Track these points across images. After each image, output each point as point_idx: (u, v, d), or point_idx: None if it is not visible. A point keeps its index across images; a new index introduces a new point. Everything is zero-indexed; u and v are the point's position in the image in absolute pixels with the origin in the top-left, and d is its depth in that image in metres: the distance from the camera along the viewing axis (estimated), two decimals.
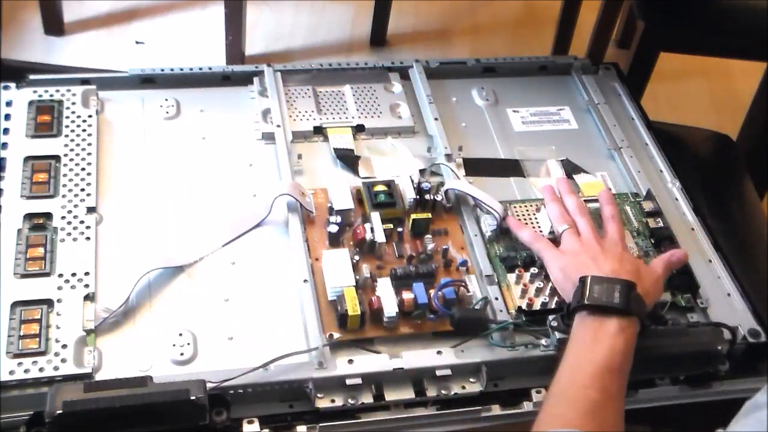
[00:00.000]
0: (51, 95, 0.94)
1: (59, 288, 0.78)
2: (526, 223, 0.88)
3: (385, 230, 0.84)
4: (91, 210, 0.85)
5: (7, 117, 0.92)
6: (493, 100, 1.05)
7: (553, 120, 1.04)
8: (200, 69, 1.02)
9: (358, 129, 0.98)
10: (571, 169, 0.97)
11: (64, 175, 0.87)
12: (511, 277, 0.83)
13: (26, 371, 0.71)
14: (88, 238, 0.82)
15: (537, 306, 0.81)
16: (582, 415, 0.66)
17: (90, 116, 0.93)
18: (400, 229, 0.86)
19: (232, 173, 0.92)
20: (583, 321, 0.73)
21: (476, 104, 1.05)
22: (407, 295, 0.79)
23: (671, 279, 0.85)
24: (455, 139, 0.97)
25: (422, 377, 0.76)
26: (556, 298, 0.81)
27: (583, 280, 0.75)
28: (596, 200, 0.92)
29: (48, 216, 0.83)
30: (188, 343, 0.76)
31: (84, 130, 0.92)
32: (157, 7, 1.95)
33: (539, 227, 0.88)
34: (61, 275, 0.79)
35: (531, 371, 0.78)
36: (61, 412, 0.66)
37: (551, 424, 0.66)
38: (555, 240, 0.85)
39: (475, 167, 0.96)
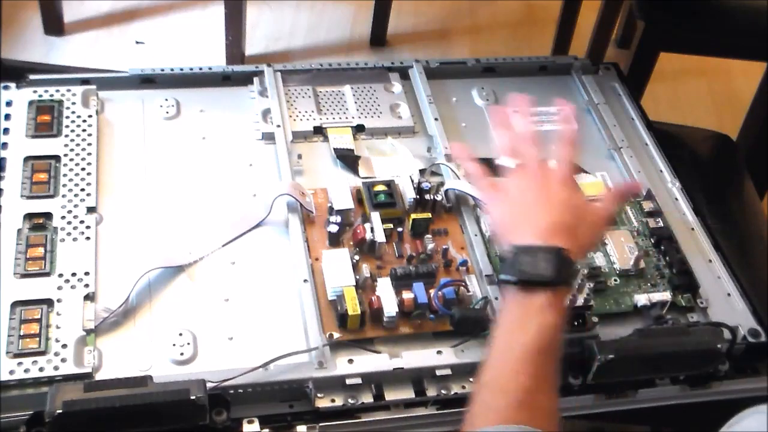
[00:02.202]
0: (51, 95, 0.94)
1: (59, 288, 0.78)
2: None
3: (385, 230, 0.84)
4: (91, 210, 0.85)
5: (7, 117, 0.92)
6: (493, 100, 1.05)
7: (553, 120, 1.04)
8: (200, 69, 1.02)
9: (358, 129, 0.98)
10: None
11: (64, 175, 0.87)
12: None
13: (26, 371, 0.71)
14: (88, 238, 0.82)
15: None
16: (516, 404, 0.64)
17: (90, 116, 0.93)
18: (400, 229, 0.86)
19: (232, 173, 0.92)
20: (514, 297, 0.70)
21: (476, 104, 1.05)
22: (407, 295, 0.79)
23: (671, 279, 0.85)
24: (455, 139, 0.97)
25: (422, 377, 0.76)
26: None
27: (510, 253, 0.72)
28: (595, 201, 0.92)
29: (48, 216, 0.83)
30: (188, 343, 0.76)
31: (84, 130, 0.92)
32: (157, 7, 1.95)
33: None
34: (61, 275, 0.79)
35: None
36: (61, 411, 0.66)
37: (487, 419, 0.64)
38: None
39: None
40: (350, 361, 0.76)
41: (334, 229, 0.84)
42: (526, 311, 0.69)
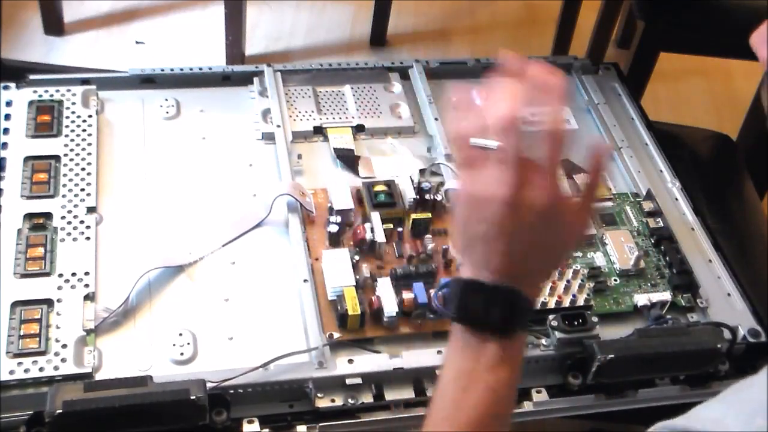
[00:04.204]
0: (51, 95, 0.94)
1: (59, 288, 0.78)
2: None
3: (385, 230, 0.84)
4: (91, 210, 0.85)
5: (7, 117, 0.92)
6: None
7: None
8: (200, 69, 1.02)
9: (358, 129, 0.98)
10: (571, 169, 0.97)
11: (64, 175, 0.87)
12: None
13: (26, 371, 0.71)
14: (88, 238, 0.82)
15: (537, 306, 0.81)
16: None
17: (90, 116, 0.93)
18: (400, 229, 0.86)
19: (232, 173, 0.92)
20: (462, 339, 0.59)
21: (476, 104, 1.05)
22: (407, 295, 0.79)
23: (671, 279, 0.85)
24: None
25: (422, 377, 0.76)
26: (556, 298, 0.81)
27: (456, 287, 0.59)
28: (600, 201, 0.92)
29: (48, 216, 0.83)
30: (188, 343, 0.76)
31: (84, 130, 0.92)
32: (157, 7, 1.95)
33: None
34: (61, 275, 0.79)
35: (531, 371, 0.78)
36: (61, 411, 0.66)
37: None
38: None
39: None
40: (350, 361, 0.76)
41: (334, 229, 0.84)
42: (475, 367, 0.58)
